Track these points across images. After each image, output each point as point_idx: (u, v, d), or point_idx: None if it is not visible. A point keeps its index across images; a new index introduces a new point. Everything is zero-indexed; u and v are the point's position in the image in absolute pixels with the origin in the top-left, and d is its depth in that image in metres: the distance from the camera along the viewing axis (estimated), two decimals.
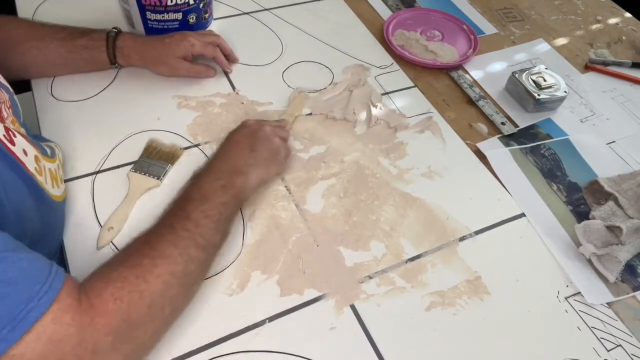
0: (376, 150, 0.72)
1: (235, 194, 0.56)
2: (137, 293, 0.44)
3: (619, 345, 0.56)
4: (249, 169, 0.58)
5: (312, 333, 0.53)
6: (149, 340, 0.46)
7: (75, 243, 0.57)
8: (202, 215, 0.52)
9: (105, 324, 0.41)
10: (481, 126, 0.78)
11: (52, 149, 0.58)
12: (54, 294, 0.39)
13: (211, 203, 0.53)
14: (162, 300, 0.46)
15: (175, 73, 0.75)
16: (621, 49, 0.97)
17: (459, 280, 0.59)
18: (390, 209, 0.65)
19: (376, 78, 0.83)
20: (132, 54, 0.72)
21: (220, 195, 0.54)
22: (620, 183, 0.69)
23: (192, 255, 0.49)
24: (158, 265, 0.46)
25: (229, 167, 0.58)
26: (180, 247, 0.48)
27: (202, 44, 0.74)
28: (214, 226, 0.52)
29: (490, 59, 0.91)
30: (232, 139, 0.62)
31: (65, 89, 0.73)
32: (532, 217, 0.67)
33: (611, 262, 0.61)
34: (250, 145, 0.61)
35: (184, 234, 0.50)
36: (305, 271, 0.58)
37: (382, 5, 0.99)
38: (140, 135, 0.69)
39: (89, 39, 0.70)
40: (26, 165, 0.48)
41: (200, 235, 0.50)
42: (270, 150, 0.62)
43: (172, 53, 0.73)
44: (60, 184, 0.57)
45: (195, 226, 0.51)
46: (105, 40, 0.70)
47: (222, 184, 0.55)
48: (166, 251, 0.48)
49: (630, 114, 0.84)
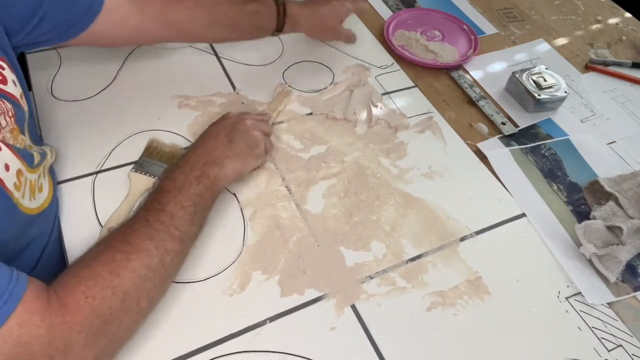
0: (377, 150, 0.72)
1: (209, 185, 0.55)
2: (110, 289, 0.43)
3: (620, 346, 0.56)
4: (224, 161, 0.57)
5: (313, 333, 0.53)
6: (124, 334, 0.46)
7: (76, 243, 0.57)
8: (177, 207, 0.51)
9: (77, 321, 0.41)
10: (481, 126, 0.78)
11: (43, 155, 0.57)
12: (15, 302, 0.38)
13: (185, 194, 0.52)
14: (137, 294, 0.45)
15: (336, 37, 0.81)
16: (621, 49, 0.97)
17: (459, 280, 0.59)
18: (390, 209, 0.65)
19: (376, 78, 0.83)
20: (301, 20, 0.73)
21: (195, 186, 0.54)
22: (620, 183, 0.69)
23: (168, 248, 0.49)
24: (132, 260, 0.46)
25: (203, 159, 0.57)
26: (156, 240, 0.48)
27: (353, 5, 0.78)
28: (189, 218, 0.52)
29: (490, 59, 0.91)
30: (211, 131, 0.62)
31: (65, 88, 0.73)
32: (533, 217, 0.67)
33: (612, 262, 0.61)
34: (228, 137, 0.60)
35: (158, 226, 0.49)
36: (306, 271, 0.58)
37: (382, 5, 0.99)
38: (140, 135, 0.69)
39: (259, 4, 0.69)
40: (5, 182, 0.47)
41: (175, 227, 0.50)
42: (248, 143, 0.61)
43: (337, 18, 0.76)
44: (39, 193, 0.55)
45: (170, 218, 0.50)
46: (275, 7, 0.70)
47: (196, 175, 0.54)
48: (141, 245, 0.47)
49: (631, 114, 0.84)
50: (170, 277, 0.51)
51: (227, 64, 0.81)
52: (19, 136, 0.52)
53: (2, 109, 0.48)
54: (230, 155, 0.58)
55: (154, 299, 0.49)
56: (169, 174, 0.55)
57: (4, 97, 0.49)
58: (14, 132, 0.50)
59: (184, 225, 0.51)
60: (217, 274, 0.57)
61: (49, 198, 0.57)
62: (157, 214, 0.50)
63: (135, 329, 0.48)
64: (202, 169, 0.55)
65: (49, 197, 0.57)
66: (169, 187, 0.53)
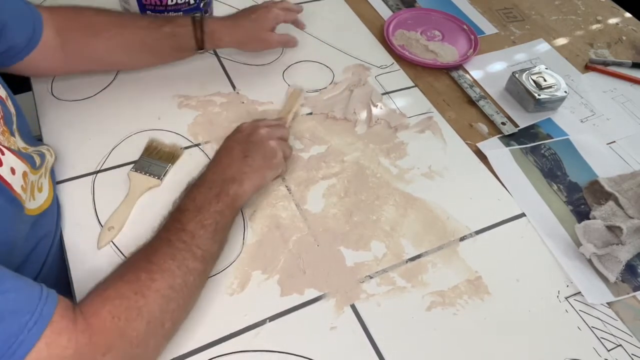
0: (377, 150, 0.72)
1: (229, 203, 0.55)
2: (136, 310, 0.43)
3: (619, 345, 0.56)
4: (242, 177, 0.57)
5: (313, 333, 0.53)
6: (151, 356, 0.46)
7: (76, 243, 0.57)
8: (198, 226, 0.51)
9: (102, 343, 0.41)
10: (481, 126, 0.78)
11: (43, 157, 0.57)
12: (45, 321, 0.38)
13: (206, 213, 0.52)
14: (161, 315, 0.45)
15: (267, 46, 0.77)
16: (621, 49, 0.97)
17: (459, 280, 0.59)
18: (390, 208, 0.65)
19: (376, 78, 0.83)
20: (222, 37, 0.72)
21: (215, 204, 0.53)
22: (620, 183, 0.69)
23: (191, 267, 0.48)
24: (156, 280, 0.45)
25: (221, 176, 0.57)
26: (178, 260, 0.48)
27: (284, 12, 0.76)
28: (210, 236, 0.52)
29: (490, 59, 0.91)
30: (225, 146, 0.61)
31: (65, 88, 0.73)
32: (533, 217, 0.67)
33: (611, 262, 0.61)
34: (243, 152, 0.59)
35: (180, 245, 0.49)
36: (306, 271, 0.58)
37: (382, 5, 0.99)
38: (140, 135, 0.69)
39: (174, 25, 0.69)
40: (13, 186, 0.47)
41: (197, 246, 0.50)
42: (264, 155, 0.60)
43: (262, 27, 0.73)
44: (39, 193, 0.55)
45: (191, 237, 0.50)
46: (192, 26, 0.69)
47: (215, 193, 0.54)
48: (164, 265, 0.47)
49: (631, 114, 0.84)
50: (194, 297, 0.51)
51: (227, 64, 0.81)
52: (10, 138, 0.52)
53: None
54: (248, 171, 0.58)
55: (178, 320, 0.49)
56: (188, 194, 0.55)
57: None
58: (5, 134, 0.50)
59: (205, 244, 0.51)
60: (217, 273, 0.57)
61: (49, 198, 0.57)
62: (178, 234, 0.50)
63: (160, 351, 0.48)
64: (220, 186, 0.55)
65: (49, 197, 0.57)
66: (189, 207, 0.53)
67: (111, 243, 0.57)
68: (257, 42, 0.75)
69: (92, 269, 0.52)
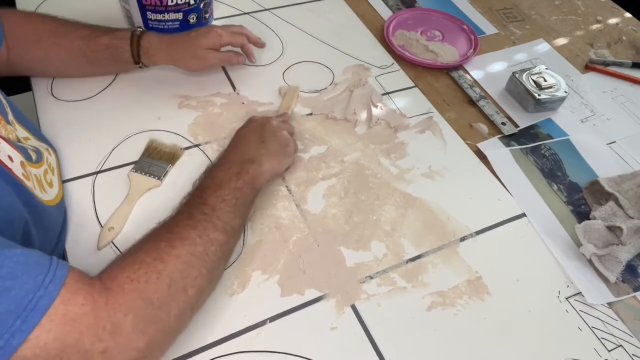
0: (377, 150, 0.72)
1: (249, 181, 0.56)
2: (155, 273, 0.44)
3: (620, 346, 0.56)
4: (261, 159, 0.59)
5: (313, 333, 0.53)
6: (175, 323, 0.45)
7: (76, 243, 0.57)
8: (219, 200, 0.52)
9: (122, 303, 0.41)
10: (481, 126, 0.78)
11: (39, 153, 0.57)
12: (60, 280, 0.39)
13: (226, 189, 0.54)
14: (183, 280, 0.45)
15: (205, 64, 0.74)
16: (621, 49, 0.97)
17: (459, 280, 0.59)
18: (390, 209, 0.65)
19: (377, 78, 0.83)
20: (158, 53, 0.71)
21: (235, 181, 0.55)
22: (620, 183, 0.69)
23: (212, 237, 0.49)
24: (176, 247, 0.46)
25: (240, 157, 0.59)
26: (199, 229, 0.49)
27: (229, 34, 0.74)
28: (231, 210, 0.53)
29: (490, 59, 0.91)
30: (241, 134, 0.63)
31: (65, 88, 0.73)
32: (533, 217, 0.67)
33: (612, 263, 0.61)
34: (260, 137, 0.61)
35: (201, 217, 0.50)
36: (306, 271, 0.58)
37: (382, 5, 0.99)
38: (140, 135, 0.69)
39: (112, 37, 0.68)
40: (13, 170, 0.47)
41: (218, 218, 0.51)
42: (280, 143, 0.63)
43: (200, 45, 0.72)
44: (49, 188, 0.56)
45: (212, 210, 0.51)
46: (130, 40, 0.69)
47: (236, 172, 0.56)
48: (184, 233, 0.48)
49: (631, 114, 0.84)
50: (217, 269, 0.51)
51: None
52: (7, 126, 0.52)
53: None
54: (265, 153, 0.60)
55: (202, 288, 0.48)
56: (208, 174, 0.57)
57: None
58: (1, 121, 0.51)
59: (226, 217, 0.52)
60: None
61: (59, 195, 0.58)
62: (199, 207, 0.51)
63: (185, 319, 0.47)
64: (240, 166, 0.57)
65: (59, 194, 0.58)
66: (209, 184, 0.55)
67: (111, 243, 0.57)
68: (194, 60, 0.72)
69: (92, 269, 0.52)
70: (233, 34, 0.74)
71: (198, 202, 0.52)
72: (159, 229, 0.50)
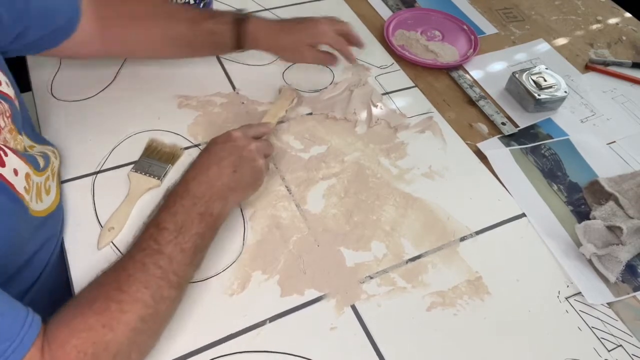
0: (377, 150, 0.72)
1: (211, 224, 0.52)
2: (103, 344, 0.42)
3: (620, 346, 0.56)
4: (228, 194, 0.54)
5: (313, 333, 0.53)
6: None
7: (76, 243, 0.57)
8: (177, 249, 0.48)
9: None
10: (481, 126, 0.78)
11: (47, 159, 0.57)
12: (23, 351, 0.38)
13: (186, 234, 0.49)
14: (129, 348, 0.44)
15: (300, 60, 0.75)
16: (621, 49, 0.97)
17: (459, 280, 0.59)
18: (390, 209, 0.65)
19: (376, 78, 0.83)
20: (261, 38, 0.70)
21: (197, 224, 0.50)
22: (620, 183, 0.69)
23: (165, 296, 0.46)
24: (126, 312, 0.43)
25: (207, 191, 0.53)
26: (152, 288, 0.45)
27: (332, 36, 0.73)
28: (188, 261, 0.49)
29: (490, 59, 0.91)
30: (215, 153, 0.56)
31: (65, 88, 0.73)
32: (533, 217, 0.67)
33: (612, 262, 0.61)
34: (234, 165, 0.56)
35: (156, 272, 0.46)
36: (306, 271, 0.58)
37: (382, 5, 0.99)
38: (140, 135, 0.69)
39: (215, 22, 0.68)
40: (15, 186, 0.46)
41: (174, 273, 0.47)
42: (253, 174, 0.58)
43: (302, 40, 0.71)
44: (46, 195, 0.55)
45: (169, 262, 0.47)
46: (232, 25, 0.68)
47: (199, 212, 0.51)
48: (136, 294, 0.44)
49: (631, 114, 0.84)
50: (164, 325, 0.49)
51: (227, 64, 0.81)
52: (17, 136, 0.52)
53: (1, 109, 0.48)
54: (234, 187, 0.55)
55: (145, 351, 0.47)
56: (168, 205, 0.51)
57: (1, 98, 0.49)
58: (12, 132, 0.51)
59: (182, 270, 0.48)
60: (217, 274, 0.57)
61: (56, 201, 0.57)
62: (155, 257, 0.47)
63: None
64: (206, 204, 0.52)
65: (56, 199, 0.57)
66: (168, 224, 0.49)
67: (111, 243, 0.57)
68: (293, 53, 0.73)
69: (92, 269, 0.52)
70: (336, 38, 0.73)
71: (154, 249, 0.47)
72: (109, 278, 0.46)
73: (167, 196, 0.53)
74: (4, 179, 0.45)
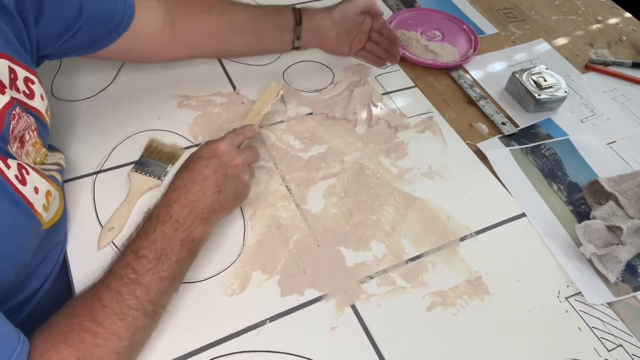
0: (377, 150, 0.72)
1: (192, 249, 0.51)
2: None
3: (620, 345, 0.56)
4: (211, 215, 0.53)
5: (313, 333, 0.53)
6: None
7: (76, 243, 0.57)
8: (155, 279, 0.47)
9: None
10: (481, 126, 0.78)
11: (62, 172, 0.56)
12: None
13: (166, 262, 0.48)
14: None
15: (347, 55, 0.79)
16: (621, 49, 0.97)
17: (459, 280, 0.59)
18: (390, 208, 0.65)
19: (377, 78, 0.83)
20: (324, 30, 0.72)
21: (177, 252, 0.49)
22: (620, 183, 0.69)
23: (140, 326, 0.45)
24: (101, 346, 0.42)
25: (190, 214, 0.51)
26: (127, 320, 0.44)
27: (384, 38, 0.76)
28: (166, 289, 0.48)
29: (490, 59, 0.91)
30: (200, 172, 0.54)
31: (65, 88, 0.73)
32: (533, 217, 0.67)
33: (612, 262, 0.61)
34: (218, 185, 0.53)
35: (132, 302, 0.45)
36: (306, 271, 0.58)
37: (382, 5, 0.99)
38: (140, 135, 0.69)
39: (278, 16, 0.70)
40: (35, 205, 0.46)
41: (150, 302, 0.46)
42: (237, 193, 0.56)
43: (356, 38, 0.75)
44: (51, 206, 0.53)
45: (145, 292, 0.46)
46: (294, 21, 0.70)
47: (180, 238, 0.49)
48: (111, 327, 0.43)
49: (631, 114, 0.84)
50: (137, 352, 0.47)
51: (227, 63, 0.81)
52: (41, 149, 0.51)
53: (27, 124, 0.48)
54: (217, 208, 0.54)
55: None
56: (148, 230, 0.49)
57: (28, 112, 0.48)
58: (36, 145, 0.50)
59: (159, 299, 0.47)
60: (217, 274, 0.57)
61: (60, 208, 0.56)
62: (132, 286, 0.46)
63: None
64: (187, 230, 0.50)
65: (61, 206, 0.57)
66: (148, 252, 0.48)
67: (111, 243, 0.57)
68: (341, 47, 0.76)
69: (92, 269, 0.52)
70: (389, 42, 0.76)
71: (131, 278, 0.46)
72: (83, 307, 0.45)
73: (147, 218, 0.51)
74: (24, 198, 0.44)
